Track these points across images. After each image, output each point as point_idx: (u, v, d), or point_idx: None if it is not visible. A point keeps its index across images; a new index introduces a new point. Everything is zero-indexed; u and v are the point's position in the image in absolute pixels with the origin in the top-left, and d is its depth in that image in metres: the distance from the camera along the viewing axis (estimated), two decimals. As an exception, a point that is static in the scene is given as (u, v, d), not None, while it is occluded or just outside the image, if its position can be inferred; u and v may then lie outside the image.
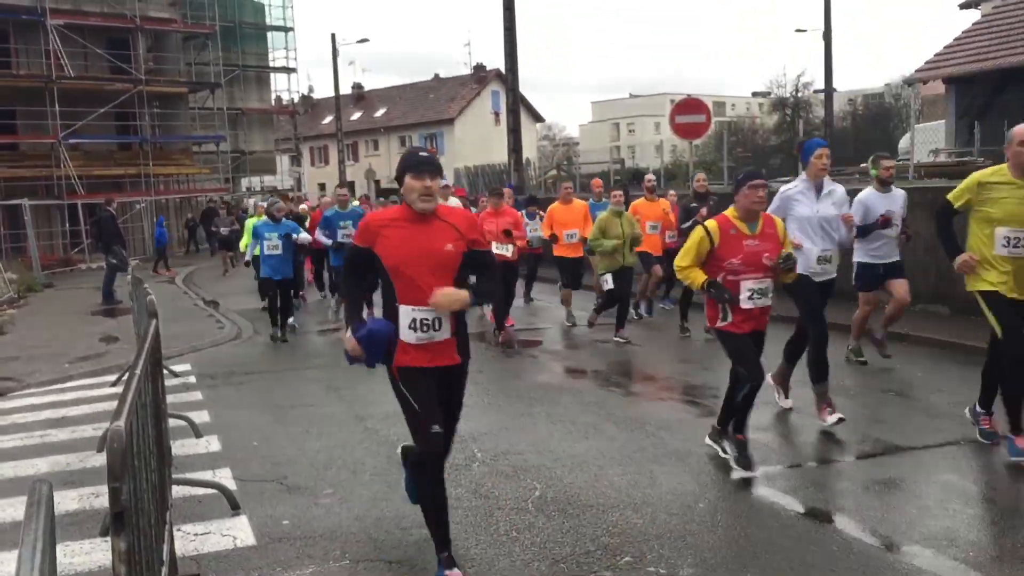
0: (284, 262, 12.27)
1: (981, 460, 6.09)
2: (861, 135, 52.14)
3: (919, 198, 12.29)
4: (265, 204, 13.46)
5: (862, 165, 18.67)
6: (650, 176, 13.52)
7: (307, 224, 15.72)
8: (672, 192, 14.48)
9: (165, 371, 7.56)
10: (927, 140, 21.21)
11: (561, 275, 12.86)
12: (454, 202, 12.55)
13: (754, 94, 76.92)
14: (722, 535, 4.90)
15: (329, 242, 13.01)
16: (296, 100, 49.41)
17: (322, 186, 53.16)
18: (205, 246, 33.62)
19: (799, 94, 58.28)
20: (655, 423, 7.30)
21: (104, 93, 32.15)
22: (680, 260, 6.07)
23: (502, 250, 11.11)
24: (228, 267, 24.22)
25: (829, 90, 32.33)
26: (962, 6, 28.39)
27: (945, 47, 23.06)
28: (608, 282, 11.00)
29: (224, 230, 25.18)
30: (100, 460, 6.75)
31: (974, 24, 24.06)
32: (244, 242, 12.93)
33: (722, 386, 6.04)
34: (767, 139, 59.92)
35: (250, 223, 14.72)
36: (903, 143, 27.60)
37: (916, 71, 23.73)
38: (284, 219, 12.60)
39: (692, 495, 5.51)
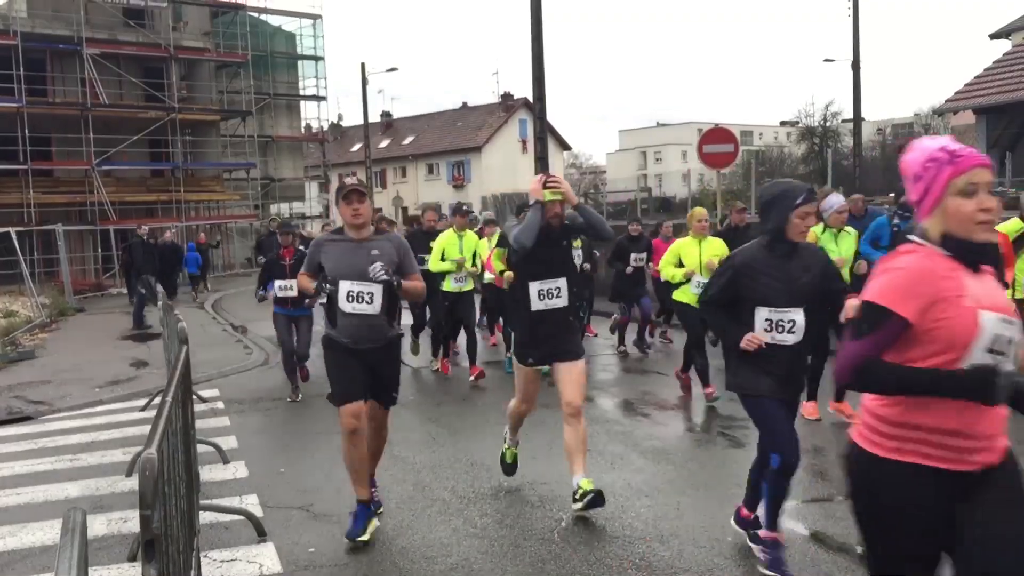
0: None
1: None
2: (890, 165, 51.81)
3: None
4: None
5: (890, 195, 18.54)
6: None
7: None
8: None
9: (194, 397, 7.62)
10: (957, 170, 20.99)
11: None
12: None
13: (782, 123, 76.84)
14: (750, 569, 4.84)
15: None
16: (325, 128, 49.87)
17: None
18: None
19: (827, 123, 58.12)
20: (682, 454, 7.25)
21: (138, 120, 32.74)
22: None
23: None
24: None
25: (857, 119, 32.15)
26: (993, 36, 28.31)
27: (976, 77, 22.96)
28: None
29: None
30: (129, 484, 6.81)
31: (1005, 54, 23.96)
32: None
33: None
34: (795, 168, 59.72)
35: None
36: (933, 173, 27.32)
37: (946, 101, 23.66)
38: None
39: (720, 528, 5.45)
